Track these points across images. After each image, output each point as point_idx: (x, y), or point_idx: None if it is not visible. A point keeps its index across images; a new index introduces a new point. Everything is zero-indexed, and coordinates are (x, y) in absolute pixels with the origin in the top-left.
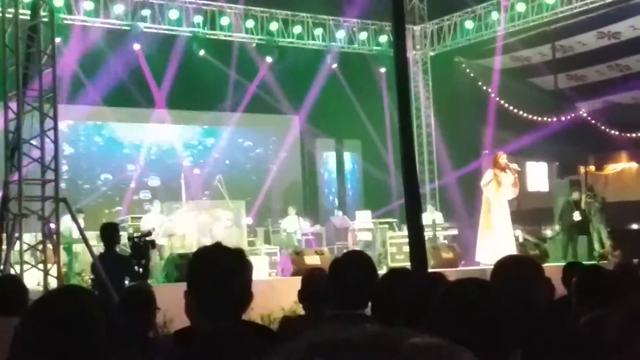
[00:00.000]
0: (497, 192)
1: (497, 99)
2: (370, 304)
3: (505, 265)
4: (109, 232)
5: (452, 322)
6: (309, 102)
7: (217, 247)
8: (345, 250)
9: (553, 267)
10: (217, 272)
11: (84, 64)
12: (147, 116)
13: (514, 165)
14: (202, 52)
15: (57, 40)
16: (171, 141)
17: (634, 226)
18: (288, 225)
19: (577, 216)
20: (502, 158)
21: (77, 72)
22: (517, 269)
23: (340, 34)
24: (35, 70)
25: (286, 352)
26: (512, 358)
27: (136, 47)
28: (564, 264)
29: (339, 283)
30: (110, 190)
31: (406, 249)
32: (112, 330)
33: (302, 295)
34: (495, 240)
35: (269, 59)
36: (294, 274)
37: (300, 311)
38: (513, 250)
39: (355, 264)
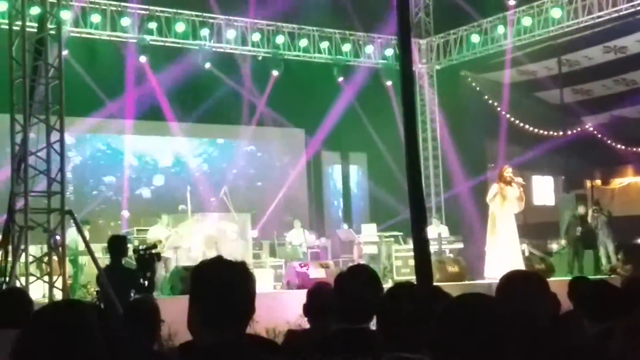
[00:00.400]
0: (503, 206)
1: (503, 112)
2: (375, 317)
3: (510, 280)
4: (117, 245)
5: (455, 336)
6: (314, 115)
7: (219, 259)
8: (350, 264)
9: (559, 282)
10: (219, 285)
11: (92, 76)
12: (153, 129)
13: (519, 179)
14: (208, 65)
15: (64, 52)
16: (176, 153)
17: None
18: (293, 238)
19: (579, 231)
20: (507, 172)
21: (85, 84)
22: (523, 284)
23: (346, 47)
24: (42, 82)
25: None
26: None
27: (142, 59)
28: (570, 278)
29: (343, 297)
30: (113, 202)
31: (412, 262)
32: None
33: (307, 309)
34: (503, 255)
35: (275, 73)
36: (299, 287)
37: (306, 324)
38: (520, 265)
39: (360, 279)
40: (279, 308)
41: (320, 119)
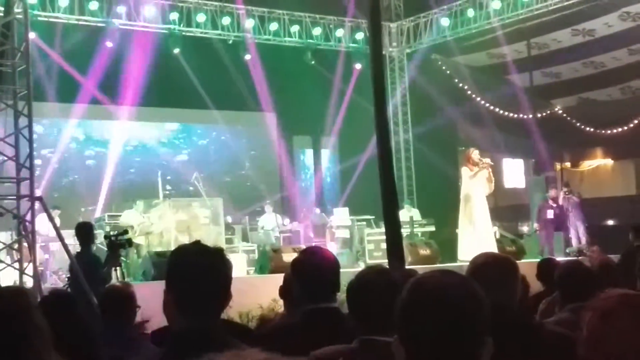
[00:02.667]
0: (473, 188)
1: (474, 96)
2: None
3: (480, 263)
4: (84, 232)
5: (421, 314)
6: (285, 99)
7: (197, 245)
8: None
9: (529, 263)
10: (196, 271)
11: (59, 60)
12: (123, 113)
13: (487, 160)
14: (177, 50)
15: (32, 37)
16: (147, 138)
17: (610, 222)
18: (266, 223)
19: (550, 214)
20: (475, 154)
21: (52, 69)
22: (492, 267)
23: (317, 31)
24: (9, 67)
25: None
26: (485, 350)
27: (110, 44)
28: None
29: (301, 278)
30: (84, 188)
31: (384, 246)
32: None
33: (284, 292)
34: (476, 237)
35: (245, 57)
36: (272, 271)
37: (279, 308)
38: (493, 247)
39: (314, 258)
40: (252, 293)
41: (292, 103)
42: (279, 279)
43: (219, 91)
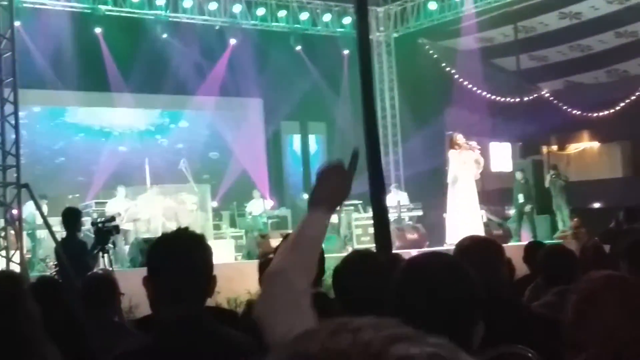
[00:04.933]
0: (461, 171)
1: (461, 80)
2: (332, 285)
3: (465, 246)
4: (71, 218)
5: (415, 296)
6: (273, 84)
7: (175, 233)
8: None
9: (515, 247)
10: (174, 259)
11: (45, 48)
12: (109, 100)
13: (473, 143)
14: (164, 35)
15: (17, 23)
16: (134, 125)
17: (596, 205)
18: (253, 209)
19: (521, 198)
20: (459, 138)
21: (38, 56)
22: (478, 251)
23: (304, 16)
24: None
25: None
26: (476, 330)
27: (97, 30)
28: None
29: None
30: (71, 175)
31: (372, 230)
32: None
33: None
34: (463, 221)
35: (232, 42)
36: (260, 257)
37: None
38: (481, 230)
39: None
40: (240, 278)
41: (279, 89)
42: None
43: (205, 76)
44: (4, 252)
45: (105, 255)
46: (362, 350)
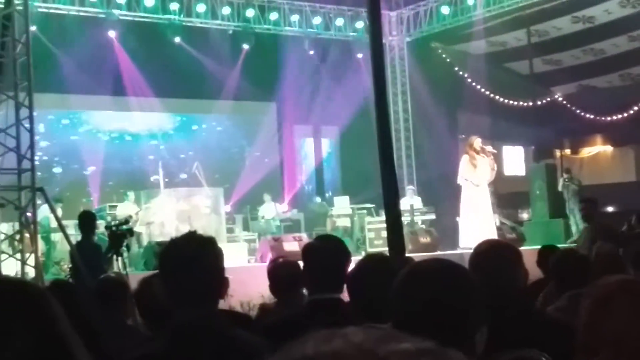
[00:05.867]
0: (474, 176)
1: (474, 83)
2: (346, 289)
3: (483, 252)
4: (86, 221)
5: (415, 299)
6: (286, 89)
7: (185, 237)
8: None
9: (529, 251)
10: (185, 262)
11: (60, 52)
12: (123, 104)
13: (489, 148)
14: (177, 40)
15: (32, 28)
16: (147, 129)
17: (609, 209)
18: (266, 212)
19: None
20: (477, 142)
21: (52, 60)
22: (496, 256)
23: (317, 20)
24: (9, 59)
25: None
26: (479, 335)
27: (112, 34)
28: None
29: (312, 267)
30: (85, 179)
31: (384, 234)
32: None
33: (273, 289)
34: (477, 225)
35: (245, 46)
36: (272, 260)
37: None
38: (494, 234)
39: (327, 248)
40: (253, 282)
41: (292, 93)
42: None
43: (219, 81)
44: (19, 255)
45: (119, 258)
46: (355, 349)
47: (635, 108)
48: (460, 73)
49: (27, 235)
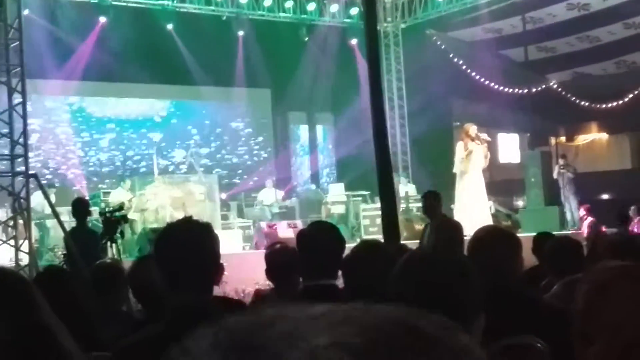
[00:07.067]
0: (469, 163)
1: (468, 70)
2: (341, 276)
3: (481, 238)
4: (80, 207)
5: (412, 286)
6: (280, 75)
7: (182, 222)
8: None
9: (523, 238)
10: (181, 248)
11: (52, 37)
12: (117, 90)
13: (484, 135)
14: (170, 26)
15: (24, 13)
16: (141, 115)
17: (604, 196)
18: (265, 197)
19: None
20: (472, 129)
21: (44, 46)
22: (493, 243)
23: (311, 6)
24: (2, 44)
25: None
26: (477, 324)
27: (103, 20)
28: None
29: (306, 253)
30: (78, 165)
31: (380, 221)
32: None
33: (269, 273)
34: (472, 212)
35: (240, 33)
36: (267, 247)
37: None
38: (489, 221)
39: (321, 234)
40: (248, 269)
41: (286, 79)
42: (273, 255)
43: (213, 67)
44: (12, 242)
45: (113, 245)
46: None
47: (631, 95)
48: (455, 60)
49: (20, 221)
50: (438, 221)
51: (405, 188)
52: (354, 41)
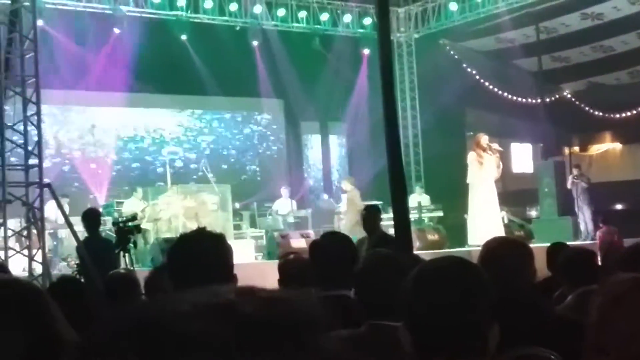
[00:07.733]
0: (481, 173)
1: (482, 80)
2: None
3: (493, 249)
4: (91, 218)
5: (425, 299)
6: (293, 85)
7: (195, 233)
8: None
9: (537, 248)
10: (194, 259)
11: (67, 48)
12: (131, 101)
13: (496, 146)
14: (184, 36)
15: (39, 24)
16: (153, 125)
17: (618, 206)
18: (280, 207)
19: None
20: (484, 139)
21: (60, 57)
22: (506, 253)
23: (324, 17)
24: (17, 55)
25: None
26: (491, 334)
27: (117, 31)
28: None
29: (319, 264)
30: (92, 175)
31: (392, 231)
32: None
33: (284, 284)
34: (484, 222)
35: (255, 43)
36: (280, 257)
37: None
38: (501, 231)
39: (334, 244)
40: (260, 278)
41: (299, 89)
42: (287, 265)
43: (226, 77)
44: (26, 252)
45: (126, 254)
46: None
47: None
48: (469, 70)
49: (34, 231)
50: (376, 237)
51: (419, 198)
52: (367, 51)
